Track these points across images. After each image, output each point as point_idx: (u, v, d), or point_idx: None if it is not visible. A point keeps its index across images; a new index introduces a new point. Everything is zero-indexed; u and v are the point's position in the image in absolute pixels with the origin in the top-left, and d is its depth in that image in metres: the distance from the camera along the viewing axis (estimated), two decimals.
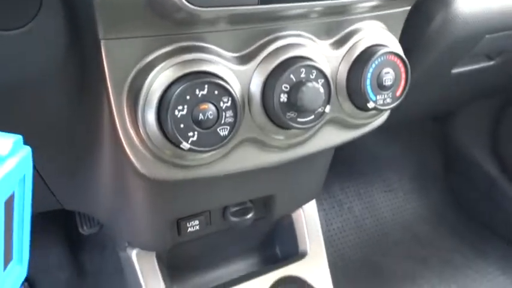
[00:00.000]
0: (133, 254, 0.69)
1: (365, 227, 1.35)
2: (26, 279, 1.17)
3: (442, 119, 1.47)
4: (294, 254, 0.81)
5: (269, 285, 0.75)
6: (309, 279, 0.77)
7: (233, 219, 0.66)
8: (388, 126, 0.62)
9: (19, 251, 0.36)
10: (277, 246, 0.87)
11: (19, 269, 0.36)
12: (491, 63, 0.89)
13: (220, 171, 0.52)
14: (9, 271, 0.34)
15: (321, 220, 0.87)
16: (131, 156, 0.47)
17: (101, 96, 0.46)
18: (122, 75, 0.44)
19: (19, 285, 0.37)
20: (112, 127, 0.47)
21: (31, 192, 0.37)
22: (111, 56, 0.43)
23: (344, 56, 0.53)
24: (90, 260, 1.15)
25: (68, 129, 0.51)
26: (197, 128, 0.44)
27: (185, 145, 0.44)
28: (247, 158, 0.52)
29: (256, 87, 0.48)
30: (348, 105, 0.55)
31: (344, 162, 1.44)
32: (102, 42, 0.42)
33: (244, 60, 0.48)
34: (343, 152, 1.36)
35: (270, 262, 0.82)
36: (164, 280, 0.70)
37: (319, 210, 0.86)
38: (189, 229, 0.65)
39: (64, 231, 1.13)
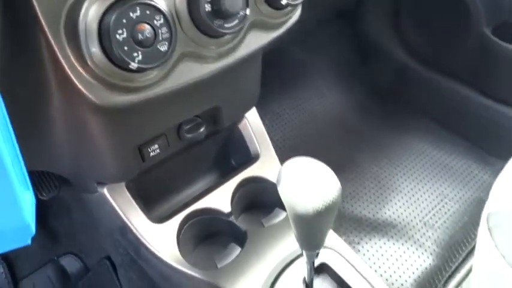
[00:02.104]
0: (105, 190, 0.74)
1: (304, 131, 1.48)
2: (2, 257, 1.19)
3: (351, 18, 1.58)
4: (248, 160, 0.91)
5: (233, 189, 0.85)
6: (266, 176, 0.88)
7: (188, 135, 0.74)
8: (307, 31, 0.69)
9: (23, 180, 0.41)
10: (232, 158, 0.96)
11: (29, 194, 0.41)
12: None
13: (166, 89, 0.57)
14: (23, 191, 0.39)
15: None
16: (83, 89, 0.51)
17: (40, 40, 0.49)
18: (54, 14, 0.47)
19: (34, 209, 0.41)
20: (57, 66, 0.50)
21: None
22: None
23: None
24: (60, 224, 1.18)
25: (14, 78, 0.53)
26: (139, 48, 0.49)
27: (133, 65, 0.49)
28: (188, 72, 0.59)
29: (181, 3, 0.54)
30: (264, 7, 0.62)
31: (277, 81, 1.55)
32: None
33: None
34: (276, 71, 1.45)
35: (230, 173, 0.92)
36: (139, 206, 0.77)
37: None
38: (151, 153, 0.71)
39: None
